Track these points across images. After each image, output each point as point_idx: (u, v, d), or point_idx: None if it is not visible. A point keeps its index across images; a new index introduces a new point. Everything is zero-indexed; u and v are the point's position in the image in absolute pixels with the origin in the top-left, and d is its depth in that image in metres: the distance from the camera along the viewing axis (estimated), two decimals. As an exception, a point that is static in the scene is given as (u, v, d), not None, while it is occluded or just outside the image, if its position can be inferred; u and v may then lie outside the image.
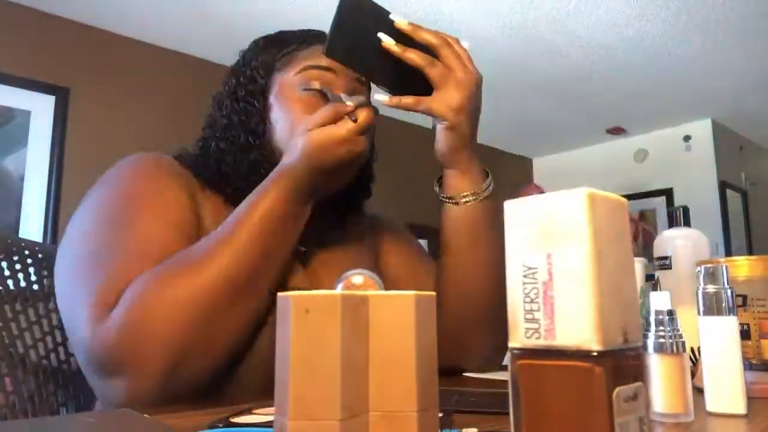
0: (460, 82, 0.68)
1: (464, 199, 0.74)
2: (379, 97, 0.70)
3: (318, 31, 0.82)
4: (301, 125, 0.67)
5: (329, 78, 0.75)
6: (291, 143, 0.67)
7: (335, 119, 0.65)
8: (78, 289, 0.62)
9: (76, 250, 0.65)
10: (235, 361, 0.65)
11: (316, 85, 0.74)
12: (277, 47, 0.80)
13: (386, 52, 0.67)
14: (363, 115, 0.66)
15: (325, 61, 0.75)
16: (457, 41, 0.70)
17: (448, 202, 0.75)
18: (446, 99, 0.68)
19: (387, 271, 0.87)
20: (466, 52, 0.70)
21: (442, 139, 0.72)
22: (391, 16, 0.68)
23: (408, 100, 0.68)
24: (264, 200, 0.64)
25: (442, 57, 0.68)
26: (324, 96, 0.75)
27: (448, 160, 0.73)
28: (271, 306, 0.67)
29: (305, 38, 0.80)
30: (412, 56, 0.67)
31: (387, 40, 0.67)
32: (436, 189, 0.77)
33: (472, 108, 0.70)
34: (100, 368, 0.59)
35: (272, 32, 0.84)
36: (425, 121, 0.72)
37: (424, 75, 0.68)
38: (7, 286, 0.80)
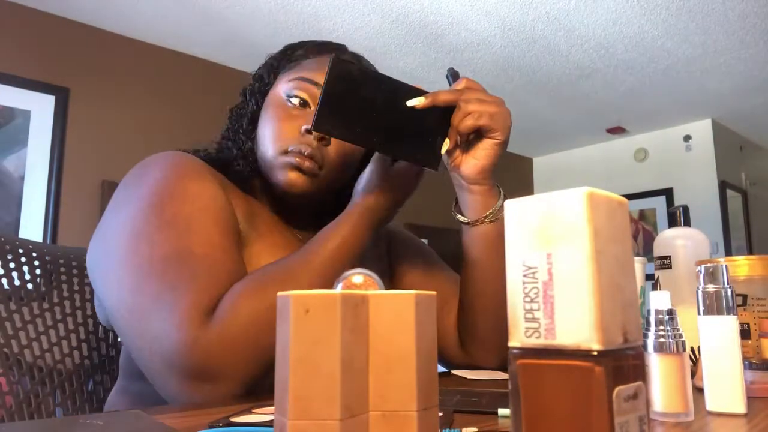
0: (494, 101, 0.70)
1: (501, 213, 0.75)
2: (413, 102, 0.68)
3: (333, 44, 0.84)
4: (373, 163, 0.71)
5: (313, 91, 0.77)
6: (368, 179, 0.71)
7: None
8: (158, 295, 0.60)
9: (138, 254, 0.63)
10: None
11: (298, 94, 0.77)
12: (292, 51, 0.83)
13: (379, 117, 0.65)
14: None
15: (317, 76, 0.77)
16: (467, 80, 0.71)
17: (481, 222, 0.75)
18: (496, 114, 0.69)
19: (404, 284, 0.89)
20: (479, 85, 0.71)
21: (491, 156, 0.71)
22: (409, 102, 0.67)
23: (470, 122, 0.68)
24: (345, 227, 0.69)
25: (465, 97, 0.69)
26: (304, 107, 0.76)
27: (482, 178, 0.73)
28: None
29: (317, 48, 0.82)
30: (442, 96, 0.68)
31: (418, 102, 0.67)
32: (459, 216, 0.77)
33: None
34: (191, 374, 0.58)
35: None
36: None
37: (425, 125, 0.68)
38: (1, 285, 0.80)
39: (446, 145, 0.69)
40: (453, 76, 0.77)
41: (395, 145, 0.67)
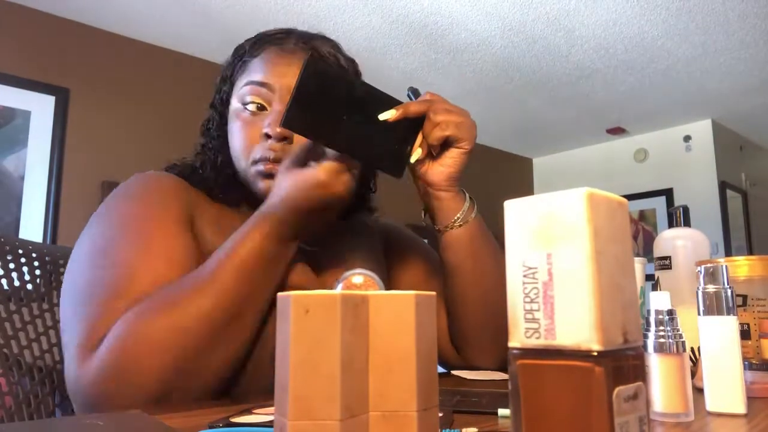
0: (460, 112, 0.72)
1: (471, 216, 0.76)
2: (383, 116, 0.68)
3: (276, 31, 0.81)
4: (282, 164, 0.67)
5: (264, 94, 0.75)
6: (275, 183, 0.67)
7: (312, 157, 0.65)
8: (69, 325, 0.63)
9: (74, 280, 0.66)
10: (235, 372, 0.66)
11: (253, 99, 0.75)
12: (238, 56, 0.81)
13: (349, 120, 0.65)
14: (341, 158, 0.64)
15: (262, 77, 0.76)
16: (431, 93, 0.73)
17: (451, 227, 0.75)
18: (461, 124, 0.70)
19: (400, 283, 0.88)
20: (443, 98, 0.73)
21: (458, 163, 0.72)
22: (381, 116, 0.67)
23: (439, 133, 0.69)
24: (246, 242, 0.63)
25: (434, 111, 0.70)
26: (262, 110, 0.75)
27: (448, 185, 0.74)
28: (268, 316, 0.67)
29: (257, 44, 0.80)
30: (412, 107, 0.69)
31: (390, 115, 0.67)
32: (427, 221, 0.78)
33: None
34: (85, 404, 0.60)
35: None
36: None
37: (392, 132, 0.68)
38: (1, 285, 0.80)
39: (417, 154, 0.70)
40: (414, 93, 0.78)
41: (362, 149, 0.67)
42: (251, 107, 0.75)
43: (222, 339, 0.61)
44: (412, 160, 0.70)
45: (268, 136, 0.72)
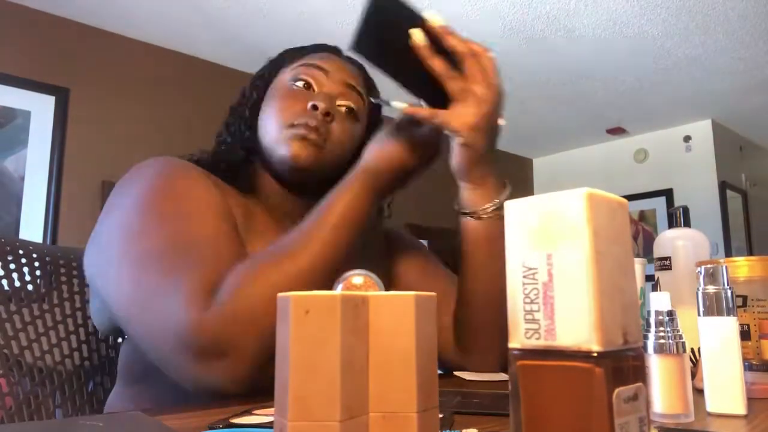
0: (480, 98, 0.66)
1: (483, 214, 0.74)
2: (396, 104, 0.69)
3: (335, 46, 0.86)
4: (385, 127, 0.71)
5: (317, 76, 0.78)
6: (372, 145, 0.71)
7: (406, 128, 0.70)
8: (160, 281, 0.61)
9: (136, 248, 0.63)
10: None
11: (303, 77, 0.78)
12: (292, 51, 0.85)
13: (412, 55, 0.65)
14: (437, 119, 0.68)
15: (320, 61, 0.79)
16: (486, 51, 0.69)
17: (466, 216, 0.75)
18: (463, 115, 0.67)
19: (404, 286, 0.88)
20: (493, 65, 0.69)
21: (455, 155, 0.71)
22: (425, 14, 0.66)
23: (424, 112, 0.68)
24: (347, 194, 0.67)
25: (467, 68, 0.67)
26: (308, 88, 0.78)
27: (461, 176, 0.73)
28: None
29: (318, 47, 0.85)
30: (436, 63, 0.66)
31: (418, 39, 0.65)
32: (456, 204, 0.77)
33: (488, 126, 0.68)
34: (201, 353, 0.58)
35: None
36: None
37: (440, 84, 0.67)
38: (2, 286, 0.80)
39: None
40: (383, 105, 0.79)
41: (421, 86, 0.68)
42: (299, 84, 0.78)
43: (329, 286, 0.61)
44: (395, 104, 0.70)
45: (315, 108, 0.75)
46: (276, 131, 0.76)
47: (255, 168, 0.81)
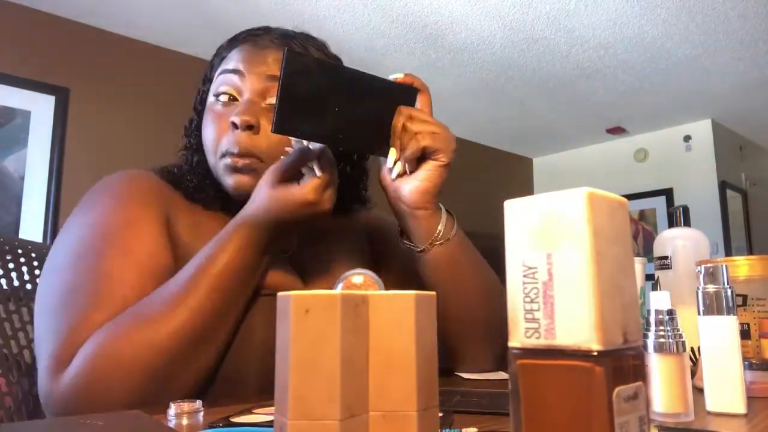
0: (439, 123, 0.70)
1: (451, 233, 0.72)
2: (389, 170, 0.70)
3: (250, 30, 0.80)
4: (266, 175, 0.65)
5: (234, 81, 0.73)
6: (255, 194, 0.65)
7: (294, 170, 0.64)
8: (44, 334, 0.62)
9: (51, 285, 0.65)
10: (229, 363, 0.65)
11: (224, 89, 0.73)
12: (214, 56, 0.80)
13: (342, 111, 0.63)
14: (326, 172, 0.63)
15: (232, 63, 0.74)
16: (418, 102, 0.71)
17: (431, 248, 0.72)
18: (445, 137, 0.69)
19: (387, 275, 0.86)
20: (422, 111, 0.71)
21: (435, 178, 0.70)
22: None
23: (415, 145, 0.68)
24: (223, 253, 0.62)
25: (411, 120, 0.69)
26: (233, 101, 0.73)
27: (428, 201, 0.71)
28: (252, 307, 0.67)
29: (231, 42, 0.79)
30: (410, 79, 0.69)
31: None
32: (404, 243, 0.75)
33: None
34: (57, 416, 0.59)
35: None
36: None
37: (378, 124, 0.67)
38: (1, 285, 0.80)
39: (398, 168, 0.69)
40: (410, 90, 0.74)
41: (356, 138, 0.66)
42: (223, 98, 0.73)
43: (195, 354, 0.60)
44: (393, 175, 0.69)
45: (234, 126, 0.70)
46: (212, 162, 0.73)
47: (209, 188, 0.77)
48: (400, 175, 0.70)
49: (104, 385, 0.56)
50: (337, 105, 0.63)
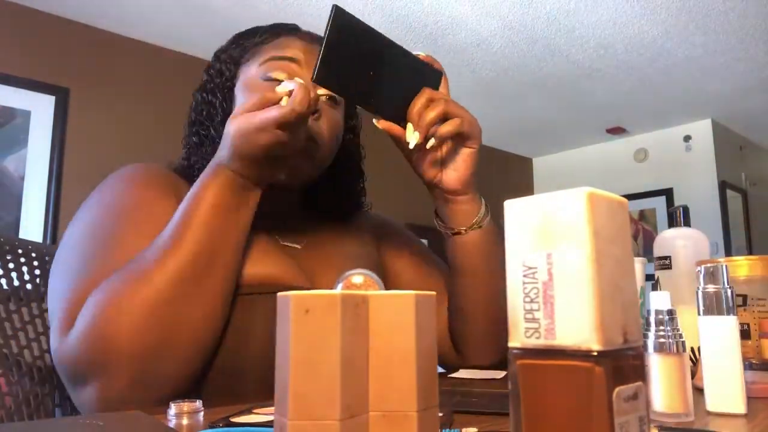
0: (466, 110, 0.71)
1: (487, 219, 0.76)
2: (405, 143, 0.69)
3: (287, 23, 0.81)
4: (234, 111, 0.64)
5: (293, 69, 0.74)
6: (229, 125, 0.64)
7: (262, 105, 0.61)
8: (53, 298, 0.64)
9: (61, 263, 0.67)
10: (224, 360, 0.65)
11: (278, 74, 0.73)
12: (246, 40, 0.79)
13: (377, 75, 0.65)
14: (287, 104, 0.60)
15: (289, 52, 0.75)
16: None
17: (467, 231, 0.75)
18: (472, 122, 0.70)
19: (397, 279, 0.87)
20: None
21: (470, 165, 0.72)
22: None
23: (452, 127, 0.68)
24: (204, 193, 0.63)
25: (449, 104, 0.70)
26: None
27: (466, 187, 0.73)
28: (253, 304, 0.67)
29: (273, 31, 0.79)
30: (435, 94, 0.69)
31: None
32: (442, 226, 0.77)
33: None
34: (68, 379, 0.61)
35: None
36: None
37: (405, 96, 0.68)
38: (1, 285, 0.80)
39: (415, 138, 0.67)
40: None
41: (385, 105, 0.67)
42: (276, 81, 0.72)
43: (195, 294, 0.60)
44: (411, 145, 0.68)
45: None
46: None
47: None
48: (417, 147, 0.69)
49: (110, 332, 0.57)
50: (372, 69, 0.65)
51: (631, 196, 4.64)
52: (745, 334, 0.64)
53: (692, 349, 0.73)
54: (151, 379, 0.59)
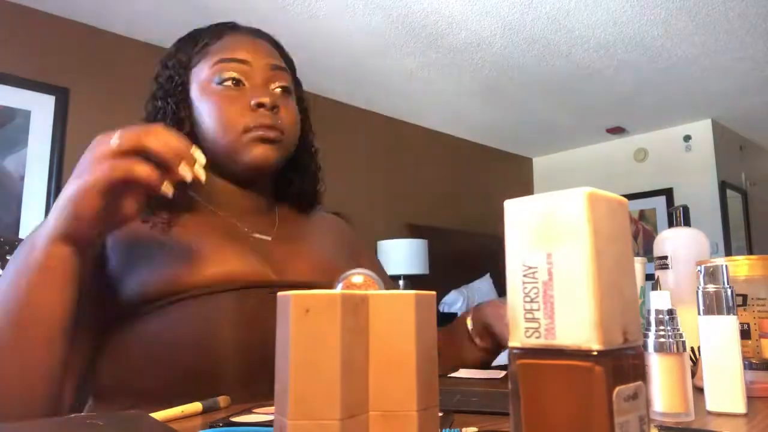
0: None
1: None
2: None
3: (226, 22, 0.84)
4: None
5: (242, 69, 0.77)
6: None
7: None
8: None
9: None
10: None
11: (228, 75, 0.76)
12: (191, 44, 0.82)
13: None
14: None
15: (238, 53, 0.77)
16: None
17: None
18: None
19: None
20: None
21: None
22: None
23: None
24: (26, 246, 0.57)
25: None
26: (238, 86, 0.76)
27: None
28: (222, 301, 0.66)
29: (216, 31, 0.82)
30: None
31: None
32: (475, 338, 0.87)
33: None
34: None
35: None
36: (427, 122, 0.72)
37: None
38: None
39: None
40: None
41: None
42: (230, 83, 0.76)
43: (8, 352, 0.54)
44: None
45: (260, 105, 0.74)
46: (231, 137, 0.74)
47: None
48: None
49: None
50: None
51: (631, 196, 4.64)
52: (745, 334, 0.64)
53: (692, 349, 0.73)
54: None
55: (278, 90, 0.79)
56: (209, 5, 2.81)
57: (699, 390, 0.56)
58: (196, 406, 0.52)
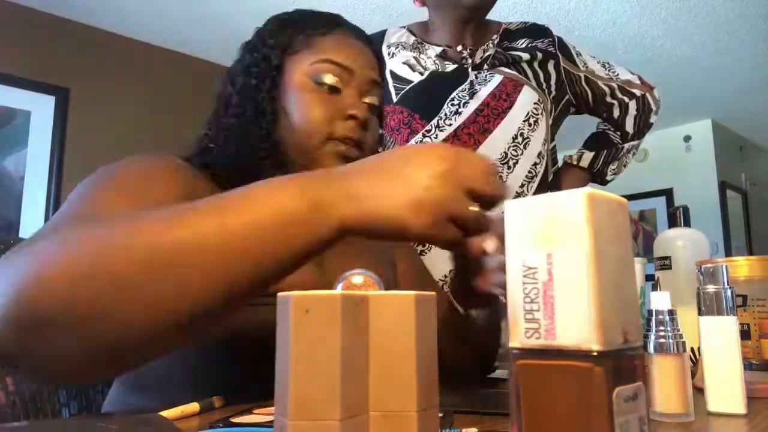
0: None
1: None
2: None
3: (338, 16, 0.81)
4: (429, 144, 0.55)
5: (344, 77, 0.74)
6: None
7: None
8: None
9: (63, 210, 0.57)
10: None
11: (329, 80, 0.73)
12: (295, 29, 0.78)
13: None
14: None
15: (346, 58, 0.75)
16: None
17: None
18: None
19: (405, 274, 0.86)
20: None
21: None
22: None
23: None
24: (273, 199, 0.48)
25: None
26: (334, 92, 0.74)
27: None
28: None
29: (325, 21, 0.79)
30: None
31: None
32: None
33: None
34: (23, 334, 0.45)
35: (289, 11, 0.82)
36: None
37: None
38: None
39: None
40: None
41: None
42: (325, 87, 0.73)
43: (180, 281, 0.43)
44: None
45: (353, 117, 0.72)
46: (315, 143, 0.72)
47: (262, 168, 0.71)
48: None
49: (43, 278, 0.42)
50: None
51: (631, 196, 4.64)
52: (745, 334, 0.64)
53: (692, 349, 0.73)
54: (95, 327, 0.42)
55: (370, 106, 0.77)
56: (209, 5, 2.81)
57: (699, 390, 0.56)
58: (194, 406, 0.52)
